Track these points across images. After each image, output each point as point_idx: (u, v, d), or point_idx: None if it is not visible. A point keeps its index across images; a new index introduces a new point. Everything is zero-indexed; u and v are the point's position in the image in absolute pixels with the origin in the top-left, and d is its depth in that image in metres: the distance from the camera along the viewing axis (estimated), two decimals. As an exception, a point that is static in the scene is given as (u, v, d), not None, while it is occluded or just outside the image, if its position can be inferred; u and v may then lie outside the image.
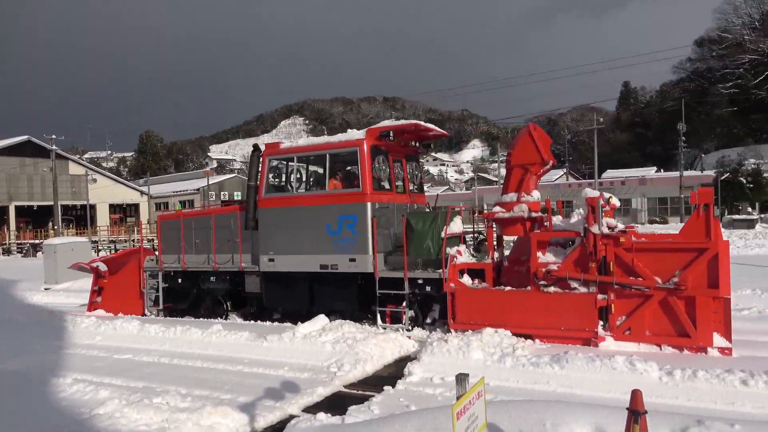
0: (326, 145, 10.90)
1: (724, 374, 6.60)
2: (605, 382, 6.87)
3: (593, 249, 8.76)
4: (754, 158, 61.00)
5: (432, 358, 8.07)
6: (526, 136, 9.88)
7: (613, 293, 8.69)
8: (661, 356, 7.93)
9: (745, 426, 4.47)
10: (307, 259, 10.83)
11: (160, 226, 13.29)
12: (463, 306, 9.61)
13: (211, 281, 12.36)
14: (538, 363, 7.46)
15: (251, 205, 11.45)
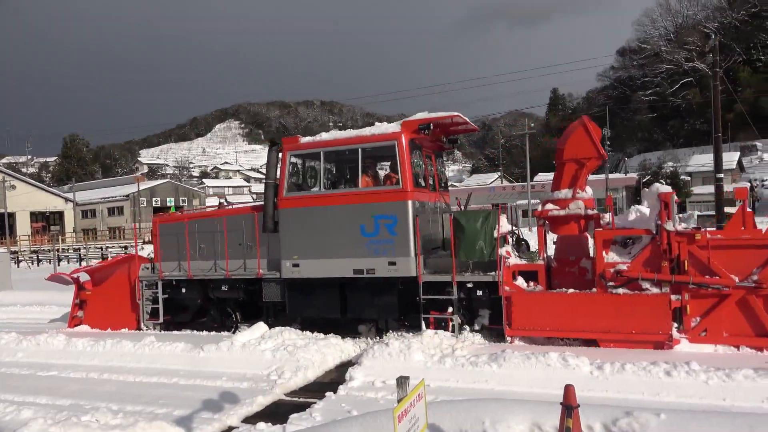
0: (358, 139, 9.98)
1: (650, 366, 6.97)
2: (541, 378, 7.11)
3: (668, 247, 8.41)
4: (672, 161, 65.02)
5: (373, 362, 8.09)
6: (580, 129, 9.45)
7: (687, 293, 8.29)
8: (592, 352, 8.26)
9: (669, 415, 4.73)
10: (338, 264, 9.91)
11: (158, 230, 11.82)
12: (520, 311, 8.88)
13: (222, 290, 11.18)
14: (476, 362, 7.62)
15: (270, 206, 10.46)
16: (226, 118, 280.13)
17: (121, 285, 12.22)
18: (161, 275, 11.61)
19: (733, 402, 6.25)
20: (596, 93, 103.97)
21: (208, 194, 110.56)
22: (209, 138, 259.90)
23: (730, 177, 59.90)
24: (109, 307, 12.10)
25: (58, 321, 14.03)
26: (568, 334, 8.66)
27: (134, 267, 12.11)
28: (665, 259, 8.37)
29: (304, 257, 10.15)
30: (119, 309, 12.09)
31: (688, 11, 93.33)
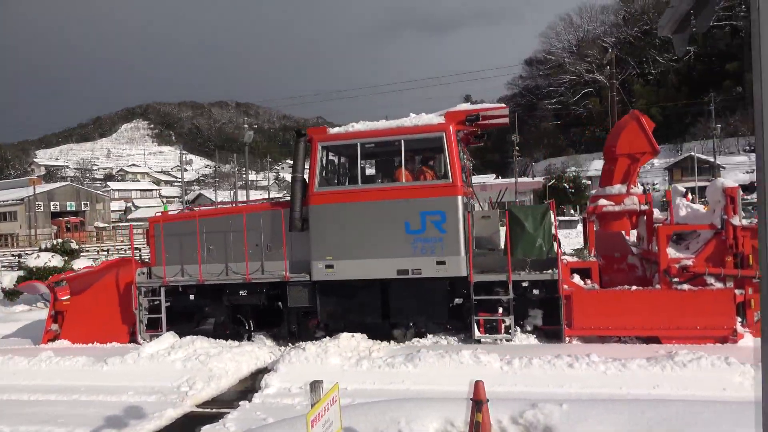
0: (401, 130, 9.32)
1: (555, 360, 7.36)
2: (455, 376, 7.29)
3: (734, 242, 8.45)
4: (575, 166, 69.19)
5: (290, 368, 7.98)
6: (633, 124, 9.35)
7: (751, 287, 8.34)
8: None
9: (571, 405, 5.02)
10: (380, 264, 9.18)
11: (163, 230, 10.47)
12: (581, 310, 8.67)
13: (240, 296, 10.11)
14: (393, 363, 7.71)
15: (298, 202, 9.57)
16: (133, 118, 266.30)
17: (109, 293, 10.86)
18: (165, 281, 10.27)
19: (629, 390, 6.71)
20: (506, 100, 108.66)
21: (113, 198, 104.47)
22: (114, 138, 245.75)
23: (625, 181, 64.43)
24: (93, 319, 10.75)
25: (13, 337, 12.06)
26: (631, 332, 8.60)
27: (126, 272, 10.78)
28: (730, 254, 8.48)
29: (340, 258, 9.33)
30: (107, 320, 10.75)
31: (588, 26, 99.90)
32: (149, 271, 10.61)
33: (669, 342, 8.35)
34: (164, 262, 10.33)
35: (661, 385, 6.75)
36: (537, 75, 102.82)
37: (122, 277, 10.86)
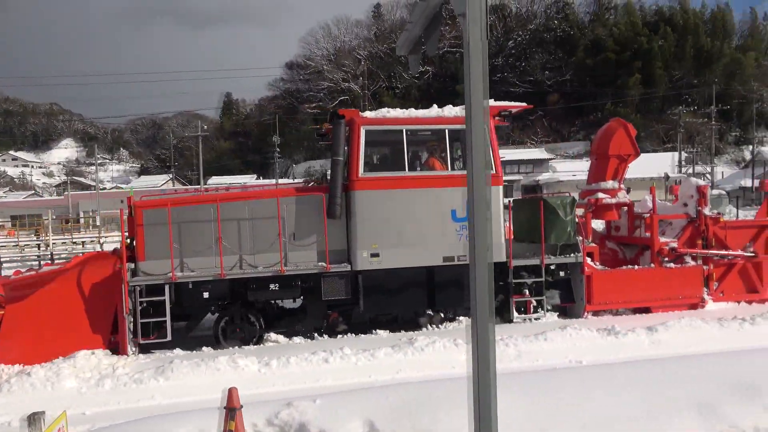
0: (445, 120, 9.53)
1: (311, 356, 7.61)
2: (212, 384, 7.02)
3: (705, 228, 10.78)
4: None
5: (9, 398, 6.75)
6: (621, 131, 11.19)
7: (712, 264, 10.77)
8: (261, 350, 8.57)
9: (324, 399, 5.23)
10: (426, 252, 9.21)
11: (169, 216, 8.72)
12: (599, 288, 10.04)
13: (269, 291, 9.10)
14: (141, 379, 7.09)
15: (339, 187, 9.02)
16: None
17: (70, 297, 8.61)
18: (173, 276, 8.73)
19: (377, 377, 7.28)
20: (267, 101, 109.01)
21: None
22: None
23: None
24: (46, 330, 8.45)
25: None
26: (632, 304, 10.28)
27: (98, 269, 8.83)
28: (700, 237, 10.81)
29: (386, 246, 9.09)
30: (70, 330, 8.52)
31: (344, 37, 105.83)
32: (135, 267, 8.89)
33: (657, 311, 10.25)
34: (172, 254, 8.76)
35: (404, 369, 7.48)
36: (297, 79, 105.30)
37: (93, 276, 8.80)
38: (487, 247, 1.83)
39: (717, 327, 8.70)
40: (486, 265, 1.77)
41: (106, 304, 8.82)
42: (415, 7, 2.47)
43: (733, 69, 75.97)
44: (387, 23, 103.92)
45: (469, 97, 1.64)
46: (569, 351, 7.96)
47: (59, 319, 8.63)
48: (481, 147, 1.66)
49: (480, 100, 1.62)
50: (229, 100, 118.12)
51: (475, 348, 1.86)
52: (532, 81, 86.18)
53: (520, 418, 4.68)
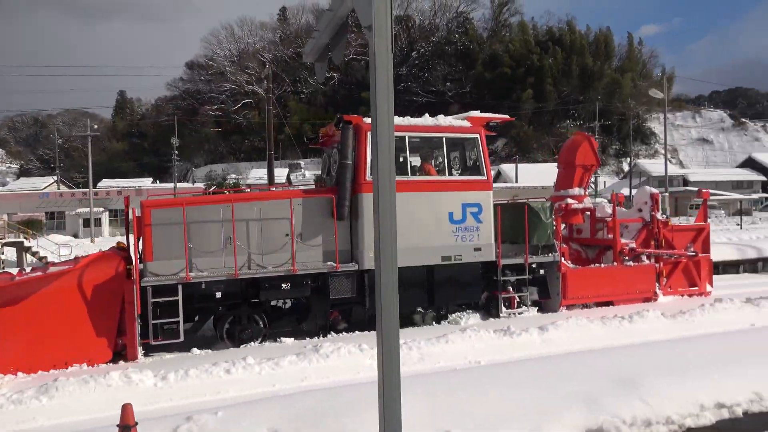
0: (443, 128, 10.24)
1: (211, 368, 7.34)
2: (103, 401, 6.58)
3: (658, 230, 12.32)
4: (235, 173, 70.75)
5: None
6: (586, 143, 12.45)
7: (662, 262, 12.25)
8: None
9: (226, 411, 5.08)
10: (427, 251, 9.80)
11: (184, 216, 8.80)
12: (572, 284, 11.07)
13: (281, 290, 9.38)
14: (21, 399, 6.51)
15: (348, 190, 9.42)
16: None
17: (72, 299, 8.28)
18: (188, 277, 8.77)
19: (281, 386, 7.15)
20: (165, 102, 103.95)
21: None
22: None
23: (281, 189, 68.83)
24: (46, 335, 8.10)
25: None
26: (599, 299, 11.37)
27: (102, 270, 8.55)
28: (654, 238, 12.27)
29: None
30: (73, 334, 8.23)
31: (249, 39, 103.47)
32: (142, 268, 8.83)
33: (618, 304, 11.42)
34: (186, 254, 8.78)
35: (309, 377, 7.42)
36: (199, 79, 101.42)
37: (92, 277, 8.44)
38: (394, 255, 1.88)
39: (600, 325, 9.40)
40: (393, 272, 1.81)
41: (111, 305, 8.53)
42: (322, 16, 2.49)
43: (613, 88, 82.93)
44: (293, 27, 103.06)
45: (374, 107, 1.68)
46: (469, 352, 8.27)
47: (60, 323, 8.22)
48: (387, 154, 1.71)
49: (385, 110, 1.67)
50: (123, 98, 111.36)
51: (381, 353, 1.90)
52: (435, 92, 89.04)
53: (424, 418, 4.81)
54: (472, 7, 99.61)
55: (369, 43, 1.71)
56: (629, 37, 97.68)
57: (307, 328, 9.99)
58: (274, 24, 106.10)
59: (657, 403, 5.52)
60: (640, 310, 10.01)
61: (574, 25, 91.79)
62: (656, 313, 9.67)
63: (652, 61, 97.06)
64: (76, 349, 8.30)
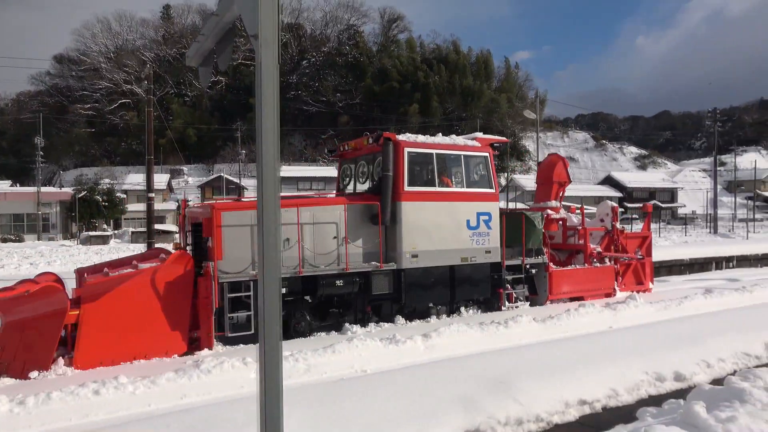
0: (462, 147, 11.81)
1: (78, 389, 6.75)
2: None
3: (617, 237, 14.67)
4: (109, 178, 65.88)
5: None
6: (560, 164, 14.92)
7: (618, 264, 14.50)
8: (12, 387, 7.36)
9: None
10: (449, 253, 11.27)
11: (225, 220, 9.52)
12: (557, 282, 12.96)
13: (335, 286, 10.36)
14: None
15: (389, 198, 10.76)
16: None
17: (147, 296, 8.70)
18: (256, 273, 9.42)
19: (158, 405, 6.74)
20: (29, 97, 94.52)
21: None
22: None
23: (161, 196, 65.44)
24: (120, 332, 8.39)
25: None
26: (574, 294, 13.24)
27: (172, 268, 8.99)
28: (613, 244, 14.64)
29: (422, 248, 10.96)
30: (149, 328, 8.64)
31: (127, 35, 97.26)
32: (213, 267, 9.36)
33: (587, 299, 12.87)
34: (258, 252, 6.79)
35: (189, 394, 7.05)
36: (69, 75, 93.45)
37: (163, 275, 8.99)
38: (277, 267, 1.87)
39: (479, 331, 9.90)
40: (276, 284, 1.79)
41: (184, 301, 9.06)
42: (207, 20, 2.42)
43: (492, 107, 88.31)
44: (177, 26, 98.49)
45: (260, 117, 1.66)
46: (355, 361, 8.33)
47: (140, 318, 8.68)
48: (271, 166, 1.69)
49: (271, 121, 1.65)
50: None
51: (263, 366, 1.87)
52: (325, 101, 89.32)
53: (307, 430, 4.77)
54: (362, 21, 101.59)
55: (255, 53, 1.69)
56: (506, 61, 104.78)
57: (348, 322, 10.77)
58: (157, 22, 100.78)
59: (528, 402, 5.92)
60: (578, 306, 11.13)
61: (458, 46, 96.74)
62: (528, 318, 10.36)
63: (526, 84, 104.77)
64: (155, 341, 8.81)
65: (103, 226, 53.94)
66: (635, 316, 11.24)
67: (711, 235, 39.62)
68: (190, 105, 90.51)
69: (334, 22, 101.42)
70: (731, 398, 5.11)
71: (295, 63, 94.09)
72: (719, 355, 8.12)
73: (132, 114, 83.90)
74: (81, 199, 52.45)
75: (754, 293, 13.75)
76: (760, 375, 5.81)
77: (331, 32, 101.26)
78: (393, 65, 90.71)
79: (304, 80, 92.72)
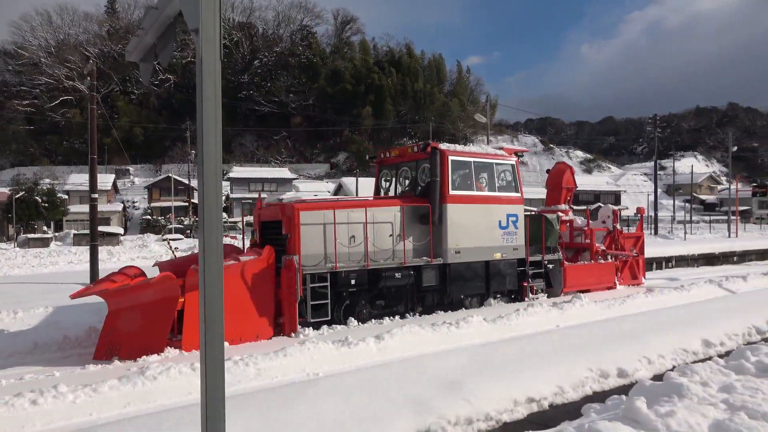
0: (494, 156, 13.45)
1: (13, 399, 6.41)
2: None
3: (618, 237, 16.55)
4: (50, 178, 63.02)
5: None
6: (568, 172, 16.69)
7: (618, 260, 16.29)
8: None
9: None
10: (485, 250, 12.82)
11: (334, 218, 10.97)
12: (570, 276, 14.51)
13: (395, 278, 11.65)
14: None
15: (437, 200, 12.09)
16: None
17: (238, 286, 9.77)
18: (336, 266, 10.83)
19: (100, 414, 6.47)
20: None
21: None
22: None
23: (105, 197, 63.12)
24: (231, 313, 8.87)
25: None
26: (583, 287, 14.67)
27: (257, 262, 10.09)
28: (615, 243, 16.51)
29: (464, 245, 12.37)
30: (242, 315, 9.77)
31: (70, 30, 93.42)
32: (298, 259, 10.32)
33: (593, 291, 14.87)
34: (336, 247, 10.84)
35: (134, 402, 6.81)
36: (6, 69, 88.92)
37: (251, 267, 9.98)
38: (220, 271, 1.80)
39: (431, 331, 9.97)
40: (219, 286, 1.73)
41: (269, 290, 10.17)
42: (147, 14, 2.33)
43: (444, 110, 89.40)
44: (123, 21, 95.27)
45: (201, 114, 1.60)
46: (307, 364, 8.24)
47: (231, 306, 9.22)
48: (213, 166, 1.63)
49: (213, 120, 1.59)
50: None
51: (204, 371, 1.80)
52: (278, 102, 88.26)
53: (257, 437, 4.67)
54: (315, 22, 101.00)
55: (196, 48, 1.62)
56: (458, 65, 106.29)
57: (400, 310, 11.99)
58: (102, 16, 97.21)
59: (478, 401, 6.00)
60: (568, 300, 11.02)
61: (412, 49, 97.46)
62: (479, 319, 10.51)
63: (478, 88, 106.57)
64: (247, 327, 9.85)
65: (43, 228, 51.54)
66: (581, 314, 11.57)
67: (652, 237, 41.25)
68: (136, 103, 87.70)
69: (286, 22, 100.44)
70: (670, 393, 5.32)
71: (246, 62, 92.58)
72: (659, 352, 8.45)
73: (74, 111, 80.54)
74: (19, 200, 49.94)
75: (692, 292, 14.40)
76: (697, 370, 6.07)
77: (283, 32, 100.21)
78: (346, 67, 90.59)
79: (256, 80, 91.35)
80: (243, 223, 16.31)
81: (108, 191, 64.86)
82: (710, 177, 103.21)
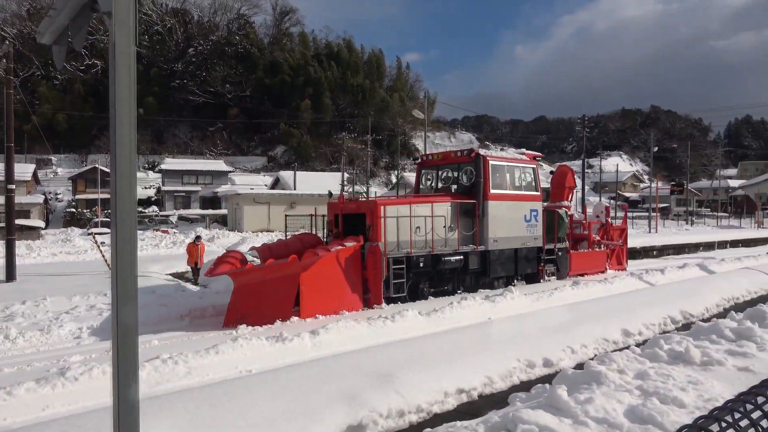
0: (519, 160, 16.15)
1: None
2: None
3: (609, 229, 19.88)
4: (-38, 167, 58.48)
5: None
6: (570, 173, 19.39)
7: (608, 248, 19.40)
8: None
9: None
10: (515, 239, 15.49)
11: (410, 212, 13.24)
12: (575, 262, 17.47)
13: (452, 262, 13.87)
14: None
15: (481, 197, 14.72)
16: None
17: (333, 266, 11.91)
18: (410, 251, 13.08)
19: (15, 418, 6.12)
20: None
21: None
22: None
23: (24, 188, 59.36)
24: (324, 293, 11.68)
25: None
26: (582, 271, 17.57)
27: (349, 248, 12.12)
28: (606, 234, 19.57)
29: (500, 235, 14.99)
30: (340, 291, 11.98)
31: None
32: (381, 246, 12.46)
33: (588, 275, 17.50)
34: (411, 237, 13.13)
35: (53, 404, 6.47)
36: None
37: (344, 253, 12.02)
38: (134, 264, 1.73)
39: (366, 326, 10.01)
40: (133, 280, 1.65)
41: (357, 272, 12.26)
42: (60, -7, 2.20)
43: (383, 106, 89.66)
44: (45, 1, 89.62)
45: (114, 104, 1.52)
46: (240, 361, 8.09)
47: (332, 284, 11.77)
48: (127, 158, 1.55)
49: (126, 109, 1.51)
50: None
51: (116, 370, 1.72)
52: (213, 92, 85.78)
53: (184, 436, 4.54)
54: (253, 11, 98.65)
55: (109, 33, 1.55)
56: (398, 61, 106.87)
57: (449, 289, 14.30)
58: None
59: (409, 394, 6.08)
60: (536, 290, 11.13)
61: (352, 43, 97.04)
62: (414, 312, 10.65)
63: (417, 84, 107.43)
64: (343, 301, 11.93)
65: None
66: (512, 307, 11.95)
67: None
68: (60, 89, 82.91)
69: (223, 10, 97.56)
70: (590, 381, 5.58)
71: (180, 50, 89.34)
72: (582, 342, 8.86)
73: (-10, 96, 75.07)
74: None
75: (615, 284, 15.19)
76: (615, 358, 6.41)
77: (220, 20, 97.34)
78: (285, 59, 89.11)
79: (191, 69, 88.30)
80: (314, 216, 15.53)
81: (27, 182, 61.00)
82: (634, 175, 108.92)
